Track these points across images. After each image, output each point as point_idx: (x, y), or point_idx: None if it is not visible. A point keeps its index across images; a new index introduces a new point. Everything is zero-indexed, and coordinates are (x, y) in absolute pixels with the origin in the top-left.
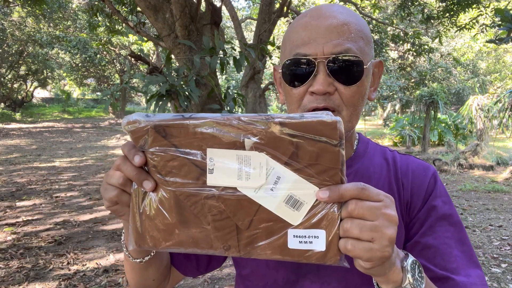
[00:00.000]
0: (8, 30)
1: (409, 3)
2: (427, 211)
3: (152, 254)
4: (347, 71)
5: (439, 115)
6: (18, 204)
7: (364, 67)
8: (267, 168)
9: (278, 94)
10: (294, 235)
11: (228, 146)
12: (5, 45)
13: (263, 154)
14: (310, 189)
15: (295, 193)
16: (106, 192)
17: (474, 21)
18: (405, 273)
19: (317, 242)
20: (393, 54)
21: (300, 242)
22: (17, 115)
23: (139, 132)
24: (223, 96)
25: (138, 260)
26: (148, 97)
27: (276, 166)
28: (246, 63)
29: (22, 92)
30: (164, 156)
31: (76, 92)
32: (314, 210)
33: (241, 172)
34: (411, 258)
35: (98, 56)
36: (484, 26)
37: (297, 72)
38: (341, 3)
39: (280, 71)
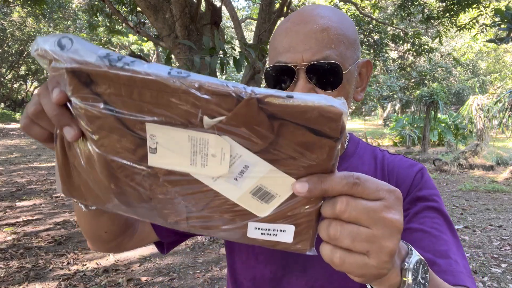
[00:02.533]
0: (8, 30)
1: (409, 3)
2: (412, 200)
3: None
4: (326, 77)
5: (439, 115)
6: (18, 204)
7: (344, 72)
8: (232, 156)
9: None
10: (255, 227)
11: (179, 120)
12: (5, 45)
13: (226, 139)
14: (286, 181)
15: (266, 184)
16: (22, 119)
17: (474, 21)
18: (405, 274)
19: (283, 235)
20: (393, 54)
21: (263, 234)
22: (17, 115)
23: (54, 70)
24: None
25: (84, 207)
26: None
27: (245, 153)
28: (246, 63)
29: (22, 92)
30: (88, 111)
31: None
32: (287, 203)
33: (195, 157)
34: (415, 257)
35: None
36: (484, 26)
37: (278, 79)
38: (341, 3)
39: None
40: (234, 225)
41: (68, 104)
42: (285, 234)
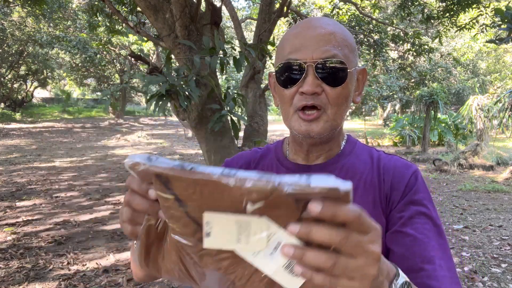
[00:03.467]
0: (8, 30)
1: (409, 3)
2: (406, 204)
3: None
4: (333, 74)
5: (439, 115)
6: (18, 204)
7: (348, 70)
8: (268, 234)
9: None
10: None
11: (228, 209)
12: (5, 45)
13: (265, 219)
14: None
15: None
16: (124, 229)
17: (474, 21)
18: None
19: None
20: (393, 54)
21: None
22: (17, 115)
23: (142, 174)
24: (223, 96)
25: None
26: (148, 97)
27: (278, 231)
28: (246, 63)
29: (22, 92)
30: (165, 201)
31: (76, 92)
32: None
33: (240, 236)
34: (401, 279)
35: (98, 56)
36: (484, 26)
37: (289, 75)
38: (341, 3)
39: (274, 73)
40: None
41: None
42: None
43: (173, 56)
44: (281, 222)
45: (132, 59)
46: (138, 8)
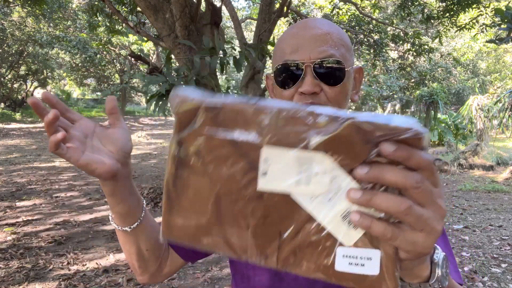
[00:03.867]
0: (8, 30)
1: (409, 3)
2: None
3: (139, 220)
4: (331, 73)
5: (439, 115)
6: (18, 204)
7: (346, 69)
8: (331, 175)
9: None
10: (343, 255)
11: (290, 144)
12: (5, 45)
13: (328, 158)
14: None
15: (356, 207)
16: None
17: (474, 21)
18: (435, 268)
19: (370, 264)
20: (393, 54)
21: (350, 263)
22: (17, 115)
23: (190, 111)
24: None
25: (126, 228)
26: (148, 97)
27: (340, 174)
28: (246, 63)
29: (22, 92)
30: (211, 140)
31: (76, 92)
32: None
33: (300, 176)
34: (442, 253)
35: (98, 56)
36: (484, 26)
37: (287, 76)
38: (341, 3)
39: (272, 75)
40: (323, 254)
41: (178, 148)
42: (372, 262)
43: (173, 56)
44: (345, 163)
45: (132, 59)
46: (138, 8)
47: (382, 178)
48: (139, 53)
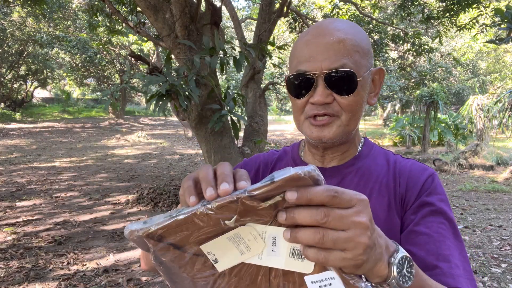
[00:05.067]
0: (8, 30)
1: (409, 3)
2: (421, 205)
3: None
4: (342, 83)
5: (439, 115)
6: (18, 204)
7: (358, 79)
8: (260, 234)
9: (277, 95)
10: (311, 281)
11: (216, 233)
12: (5, 45)
13: (248, 226)
14: None
15: (296, 245)
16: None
17: (474, 21)
18: (391, 268)
19: (335, 282)
20: (393, 54)
21: (320, 286)
22: (17, 115)
23: (140, 240)
24: (223, 96)
25: None
26: (148, 97)
27: (267, 228)
28: (246, 63)
29: (22, 92)
30: (168, 255)
31: (76, 92)
32: None
33: (240, 248)
34: (401, 253)
35: (98, 56)
36: (484, 26)
37: (299, 86)
38: (341, 3)
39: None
40: (300, 286)
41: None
42: (335, 281)
43: (173, 56)
44: (264, 221)
45: (132, 59)
46: (138, 8)
47: (296, 221)
48: (139, 53)
